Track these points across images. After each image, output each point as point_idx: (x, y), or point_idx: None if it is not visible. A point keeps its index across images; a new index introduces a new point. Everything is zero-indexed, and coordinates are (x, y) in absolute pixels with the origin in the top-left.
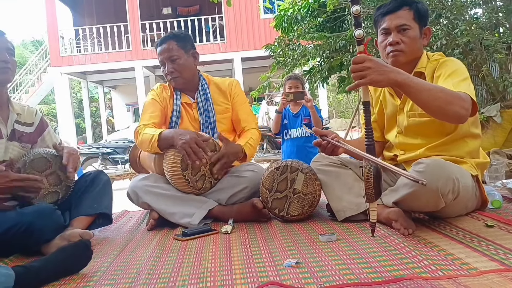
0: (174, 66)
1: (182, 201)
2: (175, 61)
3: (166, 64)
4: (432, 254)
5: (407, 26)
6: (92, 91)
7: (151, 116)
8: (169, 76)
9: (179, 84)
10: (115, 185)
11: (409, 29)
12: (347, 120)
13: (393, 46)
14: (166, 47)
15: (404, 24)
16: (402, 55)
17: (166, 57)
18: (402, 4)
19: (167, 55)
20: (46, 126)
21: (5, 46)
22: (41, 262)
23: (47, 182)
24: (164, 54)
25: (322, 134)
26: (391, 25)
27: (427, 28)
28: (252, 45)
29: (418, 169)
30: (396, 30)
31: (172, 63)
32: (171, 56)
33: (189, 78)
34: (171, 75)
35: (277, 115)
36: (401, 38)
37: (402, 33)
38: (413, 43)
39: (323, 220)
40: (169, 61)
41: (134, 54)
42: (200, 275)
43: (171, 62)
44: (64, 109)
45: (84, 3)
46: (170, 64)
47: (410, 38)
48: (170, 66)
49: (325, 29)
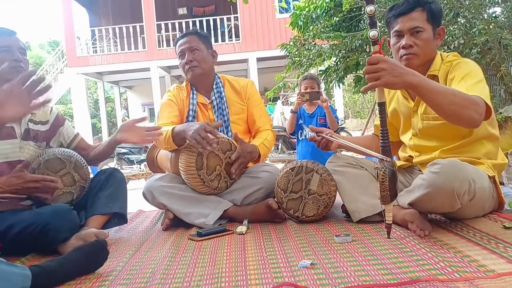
0: (193, 56)
1: (197, 201)
2: (195, 52)
3: (185, 55)
4: (449, 256)
5: (420, 29)
6: (108, 91)
7: (168, 115)
8: (188, 65)
9: (196, 74)
10: (130, 185)
11: (422, 31)
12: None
13: (406, 49)
14: (187, 39)
15: (417, 26)
16: (415, 58)
17: (187, 48)
18: (415, 5)
19: (188, 46)
20: (63, 122)
21: (17, 45)
22: (57, 261)
23: (61, 182)
24: (185, 45)
25: (317, 130)
26: (403, 27)
27: (441, 28)
28: (267, 45)
29: (433, 169)
30: (409, 33)
31: (192, 53)
32: (191, 47)
33: (206, 71)
34: (190, 64)
35: (292, 115)
36: (414, 41)
37: (415, 35)
38: (427, 45)
39: (338, 221)
40: (189, 51)
41: (149, 55)
42: (215, 275)
43: (191, 52)
44: (81, 109)
45: (100, 4)
46: (190, 54)
47: (424, 40)
48: (190, 56)
49: (341, 29)
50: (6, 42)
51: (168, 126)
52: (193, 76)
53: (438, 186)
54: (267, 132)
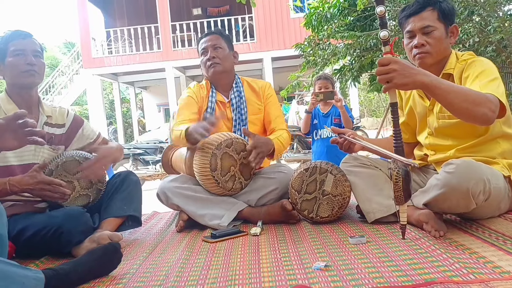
0: (216, 53)
1: (212, 203)
2: (218, 50)
3: (208, 52)
4: (464, 257)
5: (431, 28)
6: (124, 92)
7: (187, 113)
8: (209, 62)
9: (218, 72)
10: (146, 186)
11: (434, 30)
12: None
13: (418, 48)
14: (211, 37)
15: (428, 25)
16: (428, 56)
17: (210, 45)
18: (426, 5)
19: (211, 43)
20: (81, 124)
21: (31, 48)
22: (70, 264)
23: (79, 185)
24: (208, 42)
25: (339, 132)
26: (415, 27)
27: (453, 26)
28: (282, 45)
29: (448, 169)
30: (421, 32)
31: (215, 50)
32: (214, 44)
33: (227, 69)
34: (212, 60)
35: (306, 115)
36: (426, 40)
37: (427, 34)
38: (439, 43)
39: (353, 222)
40: (211, 48)
41: (164, 55)
42: (229, 277)
43: (213, 49)
44: (96, 110)
45: (115, 5)
46: (213, 51)
47: (436, 39)
48: (212, 53)
49: (356, 28)
50: (20, 45)
51: (185, 123)
52: (214, 73)
53: (452, 186)
54: (282, 131)
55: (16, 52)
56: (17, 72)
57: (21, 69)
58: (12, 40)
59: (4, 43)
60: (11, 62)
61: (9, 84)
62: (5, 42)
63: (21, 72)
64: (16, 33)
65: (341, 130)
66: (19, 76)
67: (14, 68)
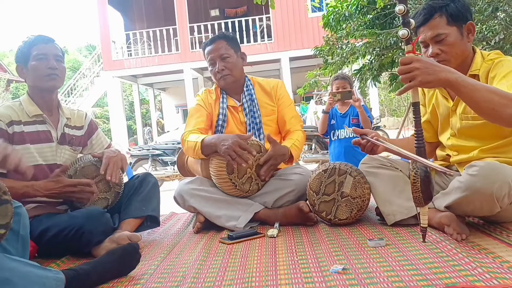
0: (225, 64)
1: (228, 204)
2: (226, 59)
3: (216, 63)
4: (487, 261)
5: (443, 35)
6: (143, 93)
7: (196, 122)
8: (219, 74)
9: (229, 83)
10: (164, 187)
11: (446, 37)
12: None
13: (434, 58)
14: (217, 46)
15: (439, 33)
16: (446, 63)
17: (217, 56)
18: (432, 13)
19: (218, 54)
20: (95, 129)
21: (53, 52)
22: (90, 265)
23: (97, 188)
24: (215, 52)
25: (361, 133)
26: (426, 38)
27: (469, 23)
28: (300, 44)
29: (471, 172)
30: (433, 42)
31: (223, 61)
32: (222, 55)
33: (238, 77)
34: (222, 73)
35: (323, 115)
36: (440, 48)
37: (440, 43)
38: (455, 48)
39: (372, 224)
40: (219, 59)
41: (183, 57)
42: (245, 279)
43: (222, 60)
44: (116, 112)
45: (134, 8)
46: (221, 63)
47: (450, 45)
48: (221, 65)
49: (375, 26)
50: (43, 50)
51: (194, 133)
52: (225, 84)
53: (476, 189)
54: (298, 132)
55: (38, 56)
56: (40, 75)
57: (44, 73)
58: (35, 44)
59: (27, 47)
60: (34, 66)
61: (31, 87)
62: (28, 47)
63: (43, 76)
64: (38, 38)
65: (363, 130)
66: (41, 79)
67: (36, 72)
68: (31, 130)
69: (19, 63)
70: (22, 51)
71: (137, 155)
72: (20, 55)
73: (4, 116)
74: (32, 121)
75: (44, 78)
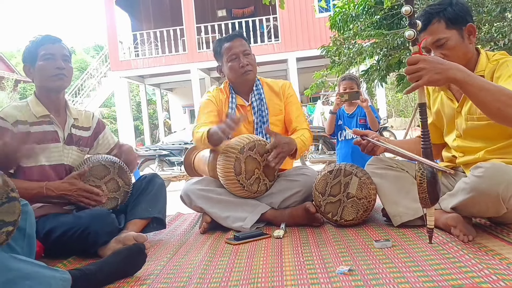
0: (249, 60)
1: (235, 205)
2: (249, 56)
3: (239, 58)
4: (494, 262)
5: (443, 39)
6: (150, 93)
7: (207, 116)
8: (244, 69)
9: (251, 78)
10: (171, 187)
11: (446, 41)
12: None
13: None
14: (239, 42)
15: (438, 39)
16: None
17: (241, 51)
18: (430, 18)
19: (242, 49)
20: (103, 129)
21: (60, 53)
22: (96, 265)
23: (106, 188)
24: (238, 48)
25: (362, 134)
26: (426, 44)
27: (469, 25)
28: (307, 45)
29: (476, 173)
30: (434, 47)
31: (247, 57)
32: (245, 50)
33: (255, 76)
34: (247, 68)
35: (331, 116)
36: (441, 53)
37: (440, 47)
38: (456, 51)
39: (378, 225)
40: (242, 54)
41: (190, 57)
42: (251, 280)
43: (245, 56)
44: (124, 112)
45: (141, 8)
46: (245, 58)
47: (450, 48)
48: (246, 60)
49: (382, 27)
50: (50, 50)
51: (206, 126)
52: (248, 79)
53: (482, 191)
54: (304, 130)
55: (46, 56)
56: (47, 75)
57: (51, 73)
58: (42, 44)
59: (35, 47)
60: (41, 65)
61: (38, 87)
62: (35, 47)
63: (51, 76)
64: (46, 38)
65: (363, 132)
66: (48, 79)
67: (43, 72)
68: (37, 130)
69: (26, 63)
70: (30, 51)
71: (144, 155)
72: (28, 55)
73: (10, 116)
74: (39, 121)
75: (51, 78)
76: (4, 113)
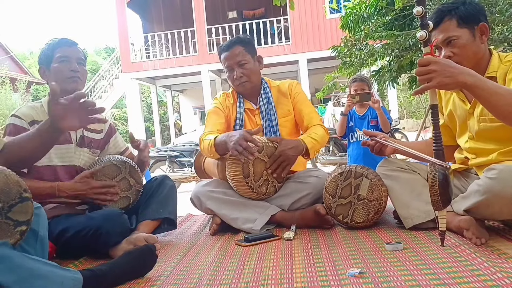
0: (243, 71)
1: (245, 206)
2: (244, 66)
3: (233, 70)
4: (507, 266)
5: (453, 37)
6: (161, 95)
7: (214, 124)
8: (237, 81)
9: (247, 89)
10: (181, 188)
11: (456, 39)
12: (419, 121)
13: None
14: (233, 53)
15: (449, 37)
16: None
17: (234, 62)
18: (442, 16)
19: (235, 60)
20: (114, 132)
21: (75, 56)
22: (107, 266)
23: (119, 188)
24: (233, 59)
25: (370, 134)
26: (438, 41)
27: (481, 25)
28: (318, 46)
29: (490, 175)
30: (445, 44)
31: (240, 67)
32: (239, 61)
33: (255, 82)
34: (240, 80)
35: (342, 117)
36: (451, 51)
37: (451, 45)
38: (467, 50)
39: (390, 228)
40: (237, 66)
41: (200, 59)
42: (261, 282)
43: (239, 67)
44: (135, 113)
45: (152, 10)
46: (239, 69)
47: (461, 47)
48: (239, 71)
49: (394, 27)
50: (66, 53)
51: (213, 134)
52: (244, 90)
53: (495, 193)
54: (316, 127)
55: (61, 58)
56: (62, 77)
57: (66, 75)
58: (58, 47)
59: (51, 49)
60: (56, 68)
61: None
62: (51, 49)
63: (66, 78)
64: (62, 40)
65: (373, 132)
66: (63, 81)
67: (58, 74)
68: None
69: (42, 65)
70: (45, 53)
71: (155, 157)
72: (43, 57)
73: (27, 116)
74: None
75: (66, 80)
76: (21, 112)
